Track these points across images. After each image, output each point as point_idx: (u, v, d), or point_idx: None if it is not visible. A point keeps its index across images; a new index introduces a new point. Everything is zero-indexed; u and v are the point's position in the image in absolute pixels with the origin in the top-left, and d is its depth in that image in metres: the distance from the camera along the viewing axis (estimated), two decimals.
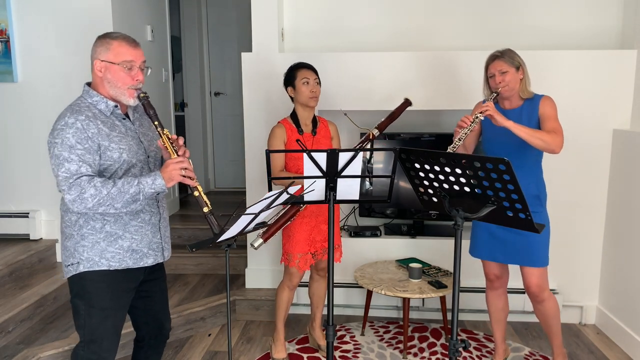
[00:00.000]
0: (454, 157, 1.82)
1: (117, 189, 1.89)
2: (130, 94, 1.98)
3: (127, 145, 1.99)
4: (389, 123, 2.92)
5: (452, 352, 1.88)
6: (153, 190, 1.92)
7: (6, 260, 3.40)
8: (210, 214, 1.94)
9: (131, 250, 2.04)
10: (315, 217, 2.87)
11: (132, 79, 1.97)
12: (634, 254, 3.08)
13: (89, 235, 1.98)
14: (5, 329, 2.88)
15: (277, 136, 2.83)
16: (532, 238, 2.50)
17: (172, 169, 1.91)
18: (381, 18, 3.65)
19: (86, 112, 1.93)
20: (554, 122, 2.47)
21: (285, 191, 2.00)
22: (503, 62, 2.50)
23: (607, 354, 3.12)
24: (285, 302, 2.97)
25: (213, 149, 6.03)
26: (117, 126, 2.00)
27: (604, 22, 3.51)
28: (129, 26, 3.89)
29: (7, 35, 3.71)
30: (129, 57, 1.95)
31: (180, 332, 3.32)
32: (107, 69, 1.95)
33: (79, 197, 1.86)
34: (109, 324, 2.05)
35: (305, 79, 2.81)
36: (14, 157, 3.83)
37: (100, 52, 1.96)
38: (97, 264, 1.99)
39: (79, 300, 2.03)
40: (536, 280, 2.58)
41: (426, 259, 3.50)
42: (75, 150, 1.88)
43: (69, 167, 1.87)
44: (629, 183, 3.16)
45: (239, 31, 5.70)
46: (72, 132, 1.88)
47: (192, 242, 1.97)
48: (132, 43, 1.98)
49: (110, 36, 1.97)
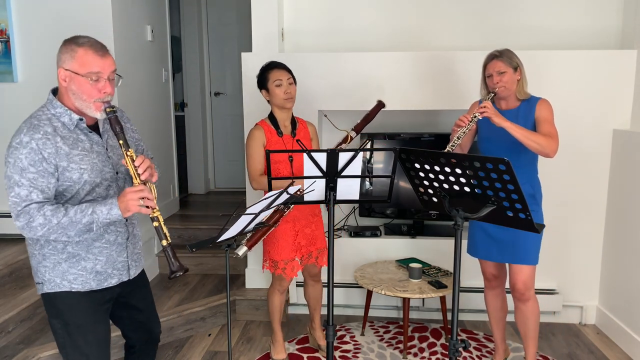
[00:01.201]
0: (454, 157, 1.82)
1: (68, 219, 1.76)
2: (96, 107, 1.81)
3: (90, 164, 1.84)
4: (365, 124, 2.88)
5: (452, 352, 1.88)
6: (108, 220, 1.79)
7: (6, 260, 3.39)
8: (168, 247, 1.80)
9: (95, 272, 1.93)
10: (298, 221, 2.81)
11: (99, 92, 1.80)
12: (634, 253, 3.08)
13: (50, 256, 1.89)
14: (5, 329, 2.88)
15: (256, 138, 2.74)
16: (524, 236, 2.49)
17: (129, 199, 1.76)
18: (381, 18, 3.65)
19: (45, 127, 1.78)
20: (549, 126, 2.46)
21: (285, 191, 2.00)
22: (501, 63, 2.49)
23: (607, 354, 3.12)
24: (278, 306, 2.96)
25: (213, 149, 6.03)
26: (80, 142, 1.85)
27: (604, 22, 3.51)
28: (129, 26, 3.89)
29: (7, 35, 3.70)
30: (95, 68, 1.78)
31: (180, 332, 3.32)
32: (72, 80, 1.79)
33: (27, 225, 1.76)
34: (90, 340, 1.94)
35: (277, 80, 2.71)
36: None
37: (65, 60, 1.79)
38: (59, 286, 1.89)
39: (54, 320, 1.95)
40: (523, 278, 2.57)
41: (426, 259, 3.50)
42: (27, 173, 1.74)
43: (19, 192, 1.75)
44: (629, 183, 3.16)
45: (239, 31, 5.70)
46: (26, 153, 1.73)
47: (192, 242, 1.96)
48: (100, 51, 1.81)
49: (76, 42, 1.80)
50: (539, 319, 2.68)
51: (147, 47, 4.27)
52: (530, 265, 2.57)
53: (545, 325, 3.44)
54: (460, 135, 2.39)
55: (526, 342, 2.70)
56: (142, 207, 1.77)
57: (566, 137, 2.64)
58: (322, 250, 2.91)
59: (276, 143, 2.76)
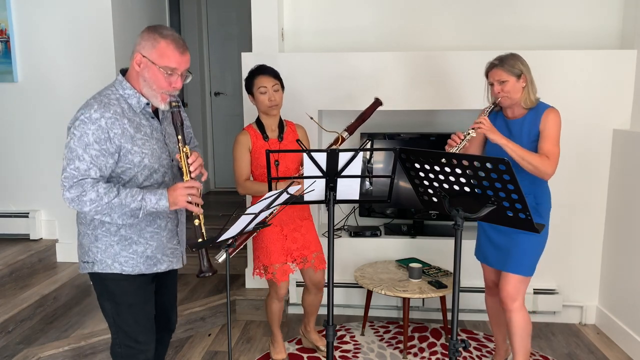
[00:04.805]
0: (454, 158, 1.82)
1: (118, 200, 1.80)
2: (163, 99, 1.86)
3: (150, 149, 1.89)
4: (359, 124, 2.78)
5: (452, 352, 1.88)
6: (155, 209, 1.85)
7: (6, 260, 3.40)
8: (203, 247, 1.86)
9: (145, 256, 1.98)
10: (286, 225, 2.79)
11: (169, 85, 1.84)
12: (634, 254, 3.08)
13: (102, 237, 1.93)
14: (5, 329, 2.88)
15: (241, 143, 2.74)
16: (521, 245, 2.42)
17: (179, 194, 1.83)
18: (381, 18, 3.65)
19: (115, 107, 1.81)
20: (550, 144, 2.35)
21: (285, 191, 2.00)
22: (502, 71, 2.37)
23: (607, 354, 3.12)
24: (276, 313, 2.95)
25: (213, 149, 6.03)
26: (143, 126, 1.89)
27: (604, 22, 3.51)
28: (129, 26, 3.89)
29: (7, 35, 3.70)
30: (173, 63, 1.82)
31: (180, 332, 3.32)
32: (147, 67, 1.82)
33: (77, 198, 1.79)
34: (141, 318, 2.01)
35: (262, 87, 2.68)
36: (14, 157, 3.83)
37: (145, 46, 1.81)
38: (110, 267, 1.94)
39: (105, 300, 2.00)
40: (508, 288, 2.46)
41: (426, 259, 3.50)
42: (91, 149, 1.78)
43: (78, 166, 1.78)
44: (629, 183, 3.16)
45: (239, 31, 5.69)
46: (94, 130, 1.77)
47: (192, 242, 1.96)
48: (181, 47, 1.83)
49: (161, 33, 1.82)
50: (526, 334, 2.50)
51: None
52: (519, 276, 2.45)
53: (545, 325, 3.44)
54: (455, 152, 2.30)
55: (514, 355, 2.55)
56: (189, 204, 1.84)
57: (566, 137, 2.63)
58: (318, 253, 2.88)
59: (262, 148, 2.74)
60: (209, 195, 5.78)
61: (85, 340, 2.91)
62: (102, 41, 3.63)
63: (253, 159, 2.76)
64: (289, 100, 3.09)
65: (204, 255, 1.87)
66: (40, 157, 3.78)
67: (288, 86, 2.95)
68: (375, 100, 2.88)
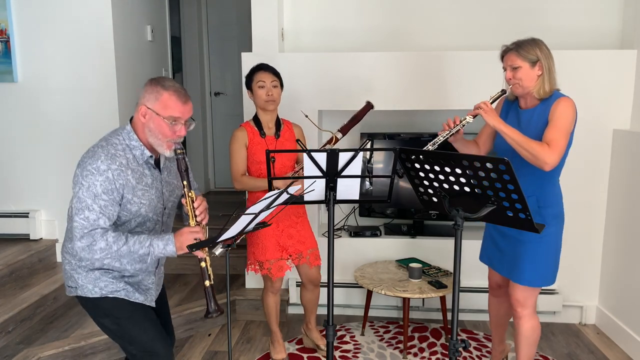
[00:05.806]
0: (454, 158, 1.82)
1: (127, 248, 1.86)
2: (168, 147, 1.93)
3: (149, 199, 1.96)
4: (352, 126, 2.83)
5: (452, 352, 1.88)
6: (162, 254, 1.90)
7: (6, 260, 3.40)
8: (210, 288, 1.90)
9: (123, 282, 2.02)
10: (281, 221, 2.79)
11: (174, 134, 1.92)
12: (634, 254, 3.08)
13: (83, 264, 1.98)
14: (5, 329, 2.88)
15: (238, 139, 2.78)
16: (526, 255, 2.32)
17: (185, 239, 1.87)
18: (381, 18, 3.65)
19: (121, 158, 1.89)
20: (555, 132, 2.15)
21: (285, 191, 2.00)
22: (515, 56, 2.20)
23: (607, 354, 3.12)
24: (273, 307, 2.96)
25: (213, 149, 6.03)
26: (145, 176, 1.96)
27: (604, 22, 3.51)
28: (129, 26, 3.89)
29: (7, 35, 3.70)
30: (176, 113, 1.89)
31: (180, 332, 3.31)
32: (151, 118, 1.90)
33: (88, 247, 1.85)
34: (147, 325, 2.02)
35: (260, 82, 2.73)
36: (14, 157, 3.83)
37: (149, 99, 1.90)
38: (91, 292, 1.98)
39: (103, 319, 2.02)
40: (516, 295, 2.38)
41: (426, 259, 3.50)
42: (100, 200, 1.84)
43: (88, 216, 1.84)
44: (629, 183, 3.16)
45: (239, 31, 5.69)
46: (102, 181, 1.84)
47: (192, 242, 1.96)
48: (183, 97, 1.91)
49: (163, 85, 1.90)
50: (532, 342, 2.41)
51: (147, 47, 4.27)
52: (525, 286, 2.35)
53: (545, 325, 3.44)
54: (445, 136, 2.27)
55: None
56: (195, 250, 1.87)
57: None
58: (313, 250, 2.90)
59: (258, 144, 2.77)
60: (209, 195, 5.77)
61: (85, 340, 2.91)
62: (102, 41, 3.63)
63: (249, 155, 2.79)
64: (289, 100, 3.09)
65: (211, 297, 1.90)
66: (40, 157, 3.78)
67: (288, 86, 2.95)
68: (366, 104, 2.93)
